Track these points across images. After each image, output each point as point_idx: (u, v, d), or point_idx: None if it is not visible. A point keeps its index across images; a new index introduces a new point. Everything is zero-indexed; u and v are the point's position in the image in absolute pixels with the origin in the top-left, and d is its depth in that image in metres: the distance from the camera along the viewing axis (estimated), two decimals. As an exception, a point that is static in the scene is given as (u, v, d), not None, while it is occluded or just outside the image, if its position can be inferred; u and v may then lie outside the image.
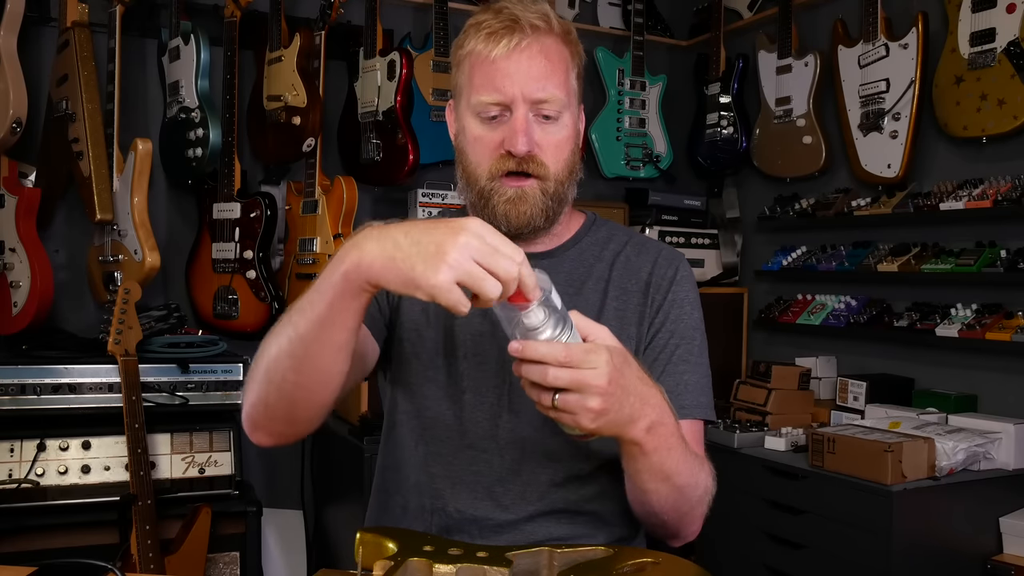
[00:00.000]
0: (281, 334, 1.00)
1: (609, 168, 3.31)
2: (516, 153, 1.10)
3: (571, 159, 1.16)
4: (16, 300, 2.34)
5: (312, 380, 1.00)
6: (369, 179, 2.77)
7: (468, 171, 1.16)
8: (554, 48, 1.12)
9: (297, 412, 1.04)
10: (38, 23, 2.56)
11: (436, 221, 0.88)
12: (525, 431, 1.16)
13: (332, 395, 1.04)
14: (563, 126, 1.13)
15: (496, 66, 1.10)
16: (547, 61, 1.11)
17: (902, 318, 2.55)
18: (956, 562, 2.13)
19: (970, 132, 2.38)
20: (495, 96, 1.10)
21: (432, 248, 0.84)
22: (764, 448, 2.45)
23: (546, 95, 1.10)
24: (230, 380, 2.38)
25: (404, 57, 2.64)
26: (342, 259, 0.91)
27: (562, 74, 1.13)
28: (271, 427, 1.07)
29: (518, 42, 1.09)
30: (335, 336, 0.96)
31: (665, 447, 1.01)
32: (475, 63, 1.12)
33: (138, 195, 2.42)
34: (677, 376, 1.18)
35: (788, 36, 2.96)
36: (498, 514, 1.16)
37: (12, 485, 2.12)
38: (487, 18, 1.12)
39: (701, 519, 1.14)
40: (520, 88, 1.09)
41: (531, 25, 1.10)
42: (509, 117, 1.11)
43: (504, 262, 0.84)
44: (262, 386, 1.03)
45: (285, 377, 1.00)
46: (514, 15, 1.11)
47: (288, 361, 0.99)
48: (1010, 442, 2.20)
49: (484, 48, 1.11)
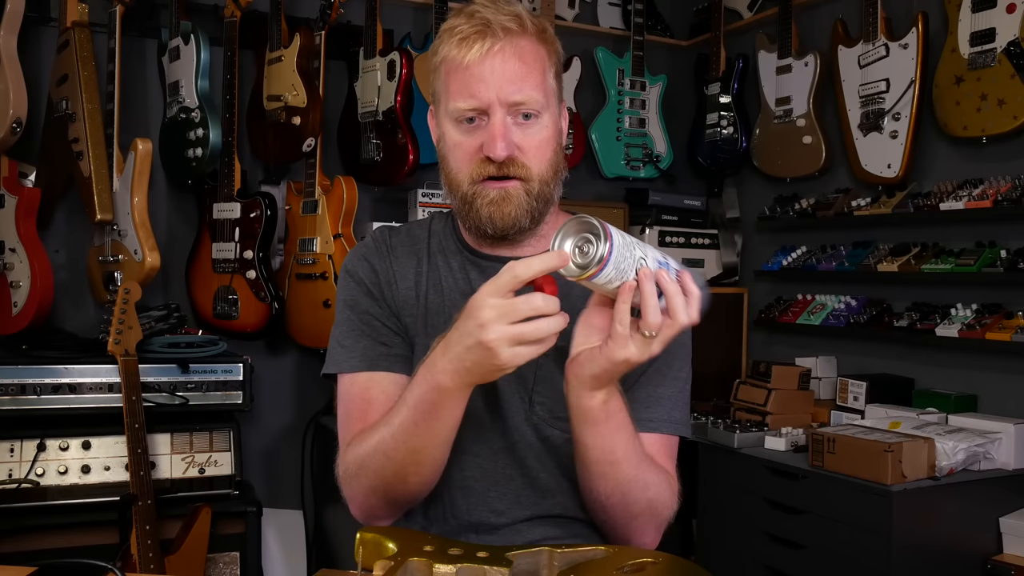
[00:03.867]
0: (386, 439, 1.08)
1: (609, 168, 3.31)
2: (495, 158, 1.09)
3: (554, 158, 1.15)
4: (16, 300, 2.34)
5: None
6: (369, 179, 2.77)
7: (450, 177, 1.16)
8: (528, 49, 1.11)
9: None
10: (38, 23, 2.56)
11: (460, 330, 0.95)
12: (518, 436, 1.16)
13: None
14: (543, 126, 1.12)
15: (470, 72, 1.09)
16: (521, 63, 1.10)
17: (902, 318, 2.55)
18: (956, 562, 2.13)
19: (970, 132, 2.38)
20: (471, 102, 1.09)
21: (476, 347, 0.93)
22: (764, 448, 2.45)
23: (523, 97, 1.09)
24: (230, 380, 2.38)
25: (404, 57, 2.64)
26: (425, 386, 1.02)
27: (538, 74, 1.11)
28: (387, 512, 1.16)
29: (491, 46, 1.08)
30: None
31: (615, 422, 1.03)
32: (449, 69, 1.11)
33: (138, 195, 2.42)
34: (650, 388, 1.17)
35: (788, 36, 2.96)
36: (493, 518, 1.16)
37: (12, 485, 2.12)
38: (459, 23, 1.11)
39: (655, 531, 1.15)
40: (495, 92, 1.08)
41: (503, 28, 1.09)
42: (487, 122, 1.10)
43: (520, 304, 0.91)
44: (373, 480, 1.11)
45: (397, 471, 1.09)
46: (485, 19, 1.09)
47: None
48: (1010, 442, 2.20)
49: (457, 54, 1.09)
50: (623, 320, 0.92)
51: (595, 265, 0.88)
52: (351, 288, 1.22)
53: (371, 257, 1.23)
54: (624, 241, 0.90)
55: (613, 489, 1.08)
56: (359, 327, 1.19)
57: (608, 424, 1.03)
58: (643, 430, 1.12)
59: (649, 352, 0.94)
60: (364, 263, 1.22)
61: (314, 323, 2.62)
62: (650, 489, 1.10)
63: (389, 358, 1.18)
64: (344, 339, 1.20)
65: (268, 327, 2.61)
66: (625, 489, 1.08)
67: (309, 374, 2.91)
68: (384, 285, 1.21)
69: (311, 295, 2.64)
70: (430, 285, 1.21)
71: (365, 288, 1.21)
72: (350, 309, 1.21)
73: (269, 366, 2.85)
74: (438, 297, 1.20)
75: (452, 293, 1.19)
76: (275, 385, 2.89)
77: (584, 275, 0.89)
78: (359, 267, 1.22)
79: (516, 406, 1.15)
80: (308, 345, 2.71)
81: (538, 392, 1.15)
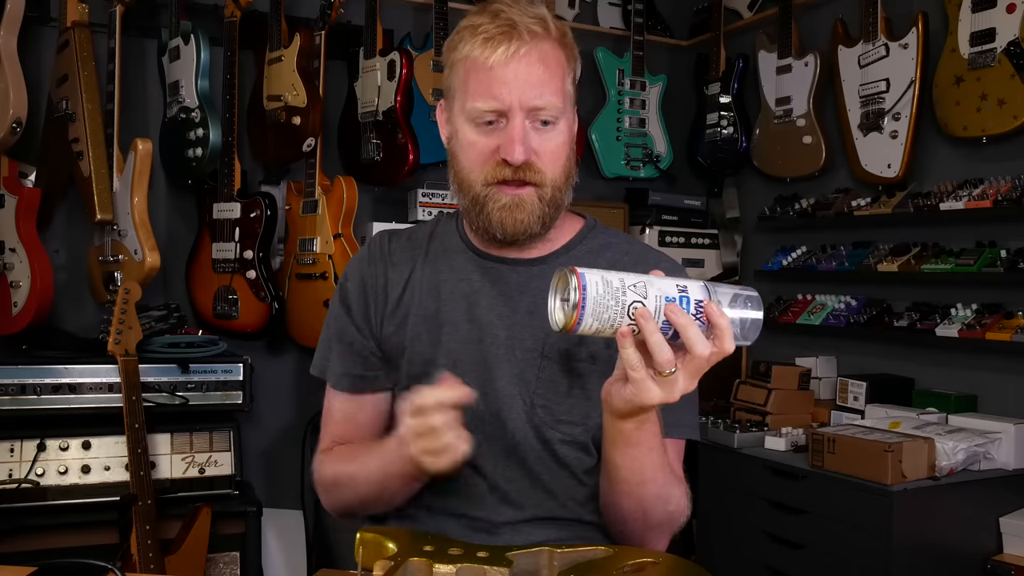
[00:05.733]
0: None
1: (609, 168, 3.30)
2: (513, 162, 1.08)
3: (568, 164, 1.14)
4: (16, 300, 2.34)
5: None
6: (369, 179, 2.77)
7: (461, 176, 1.14)
8: (552, 54, 1.10)
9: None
10: (38, 23, 2.56)
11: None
12: (519, 437, 1.15)
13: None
14: (560, 132, 1.12)
15: (493, 73, 1.07)
16: (545, 68, 1.08)
17: (902, 318, 2.55)
18: (956, 562, 2.13)
19: (970, 132, 2.38)
20: (492, 103, 1.08)
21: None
22: (764, 448, 2.45)
23: (543, 103, 1.08)
24: (230, 380, 2.38)
25: (404, 57, 2.64)
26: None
27: (559, 80, 1.10)
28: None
29: (516, 49, 1.07)
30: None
31: (647, 446, 1.02)
32: (471, 68, 1.10)
33: (138, 195, 2.42)
34: None
35: (788, 36, 2.96)
36: (494, 518, 1.16)
37: (12, 485, 2.12)
38: (483, 22, 1.09)
39: (668, 538, 1.15)
40: (517, 96, 1.07)
41: (529, 31, 1.08)
42: (505, 124, 1.09)
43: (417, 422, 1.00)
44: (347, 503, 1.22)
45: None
46: (511, 19, 1.08)
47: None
48: (1010, 442, 2.20)
49: (481, 54, 1.08)
50: (633, 365, 0.89)
51: (572, 317, 0.86)
52: (336, 306, 1.25)
53: (363, 268, 1.24)
54: (607, 289, 0.87)
55: (636, 507, 1.08)
56: (341, 342, 1.24)
57: (639, 447, 1.02)
58: None
59: (678, 389, 0.91)
60: (354, 277, 1.25)
61: (314, 323, 2.62)
62: (671, 503, 1.10)
63: (367, 380, 1.23)
64: (330, 344, 1.25)
65: (268, 327, 2.61)
66: (648, 506, 1.08)
67: (309, 374, 2.90)
68: (372, 295, 1.22)
69: (311, 295, 2.64)
70: (426, 288, 1.20)
71: (347, 308, 1.23)
72: (334, 322, 1.25)
73: (269, 366, 2.85)
74: (434, 301, 1.19)
75: (452, 295, 1.19)
76: (275, 385, 2.89)
77: (565, 327, 0.87)
78: (347, 286, 1.25)
79: (518, 408, 1.15)
80: (308, 345, 2.71)
81: (539, 394, 1.15)
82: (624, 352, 0.89)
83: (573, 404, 1.15)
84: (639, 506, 1.08)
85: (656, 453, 1.04)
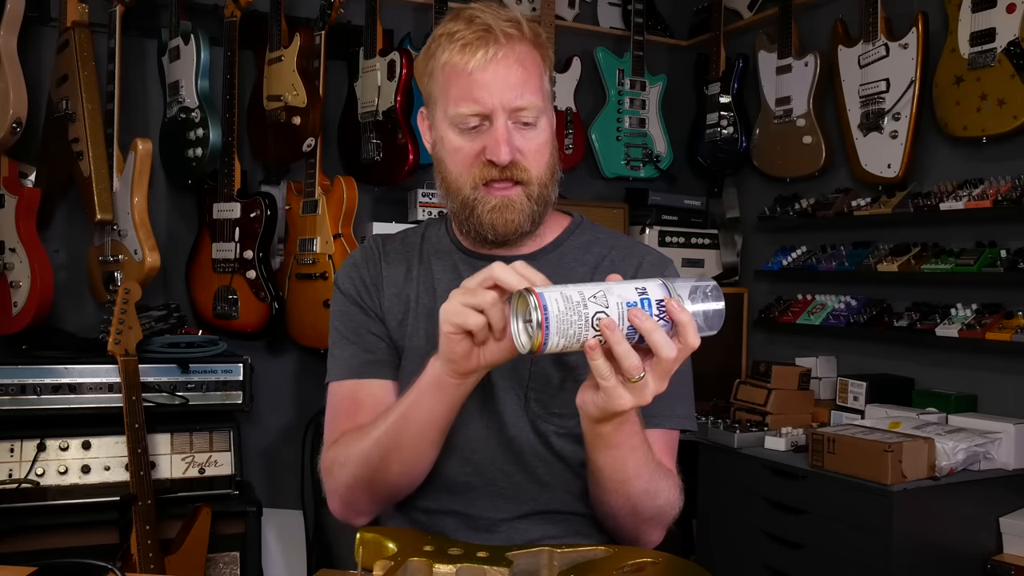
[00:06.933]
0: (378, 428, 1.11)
1: (609, 168, 3.31)
2: (499, 163, 1.10)
3: (551, 161, 1.17)
4: (16, 300, 2.34)
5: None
6: (369, 179, 2.77)
7: (449, 181, 1.16)
8: (528, 55, 1.12)
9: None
10: (38, 23, 2.56)
11: None
12: (515, 431, 1.16)
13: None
14: (542, 130, 1.14)
15: (473, 78, 1.09)
16: (523, 69, 1.11)
17: (902, 318, 2.55)
18: (956, 562, 2.13)
19: (970, 132, 2.38)
20: (474, 107, 1.10)
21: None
22: (764, 448, 2.45)
23: (524, 103, 1.10)
24: (230, 380, 2.38)
25: (404, 57, 2.64)
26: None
27: (537, 79, 1.13)
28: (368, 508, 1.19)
29: (494, 53, 1.09)
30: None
31: (628, 445, 1.02)
32: (450, 75, 1.12)
33: (138, 195, 2.42)
34: None
35: (788, 36, 2.96)
36: (492, 514, 1.17)
37: (12, 485, 2.13)
38: (459, 28, 1.11)
39: (662, 530, 1.16)
40: (499, 98, 1.09)
41: (504, 34, 1.10)
42: (488, 126, 1.11)
43: (470, 280, 0.97)
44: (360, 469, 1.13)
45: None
46: (487, 24, 1.10)
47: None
48: (1010, 442, 2.20)
49: (460, 59, 1.10)
50: (603, 375, 0.90)
51: (538, 338, 0.86)
52: (338, 300, 1.26)
53: (359, 265, 1.26)
54: (568, 304, 0.87)
55: (624, 503, 1.09)
56: (346, 335, 1.22)
57: (620, 448, 1.02)
58: (645, 426, 1.12)
59: (648, 392, 0.92)
60: (351, 272, 1.26)
61: (314, 323, 2.62)
62: (660, 497, 1.10)
63: (374, 364, 1.20)
64: (334, 349, 1.24)
65: (268, 327, 2.61)
66: (636, 502, 1.09)
67: (309, 374, 2.91)
68: (371, 289, 1.24)
69: (311, 295, 2.64)
70: (423, 288, 1.23)
71: (351, 298, 1.24)
72: (338, 320, 1.25)
73: (269, 366, 2.85)
74: (430, 300, 1.21)
75: (446, 293, 1.20)
76: (275, 385, 2.89)
77: (532, 348, 0.88)
78: (344, 278, 1.26)
79: (512, 402, 1.16)
80: (308, 345, 2.71)
81: (533, 388, 1.16)
82: (593, 364, 0.90)
83: (567, 397, 1.15)
84: (627, 503, 1.09)
85: (638, 451, 1.04)
